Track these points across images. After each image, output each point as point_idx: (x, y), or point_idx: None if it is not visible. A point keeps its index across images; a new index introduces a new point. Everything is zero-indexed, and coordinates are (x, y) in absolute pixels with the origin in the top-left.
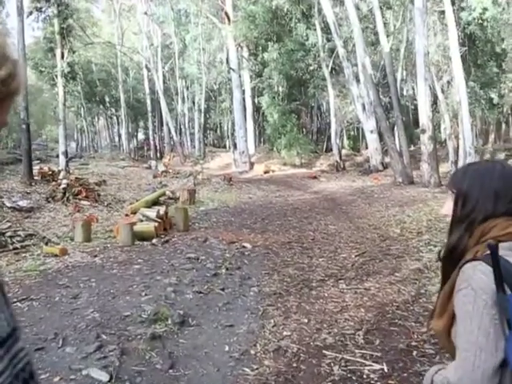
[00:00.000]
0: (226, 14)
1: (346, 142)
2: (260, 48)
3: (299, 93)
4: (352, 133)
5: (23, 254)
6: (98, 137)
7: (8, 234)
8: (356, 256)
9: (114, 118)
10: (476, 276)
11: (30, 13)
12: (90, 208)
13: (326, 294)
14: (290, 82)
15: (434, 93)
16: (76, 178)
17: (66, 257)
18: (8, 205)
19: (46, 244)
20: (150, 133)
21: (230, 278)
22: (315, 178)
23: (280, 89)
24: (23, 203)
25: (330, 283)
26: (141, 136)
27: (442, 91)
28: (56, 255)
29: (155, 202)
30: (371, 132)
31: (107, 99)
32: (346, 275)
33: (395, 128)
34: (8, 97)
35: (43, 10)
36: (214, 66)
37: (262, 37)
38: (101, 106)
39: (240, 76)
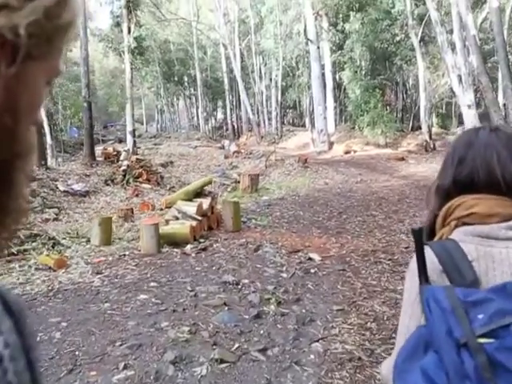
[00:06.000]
0: None
1: (434, 119)
2: (341, 17)
3: (383, 67)
4: (440, 110)
5: (13, 264)
6: (178, 117)
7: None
8: None
9: (193, 97)
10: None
11: None
12: (151, 192)
13: None
14: (374, 54)
15: None
16: (137, 159)
17: (61, 271)
18: (61, 189)
19: (53, 247)
20: (228, 112)
21: (281, 321)
22: (402, 159)
23: (363, 63)
24: (78, 187)
25: None
26: (220, 115)
27: None
28: (50, 267)
29: (198, 193)
30: (469, 107)
31: (186, 79)
32: None
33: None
34: (57, 34)
35: None
36: (290, 39)
37: (343, 4)
38: (179, 86)
39: (318, 48)
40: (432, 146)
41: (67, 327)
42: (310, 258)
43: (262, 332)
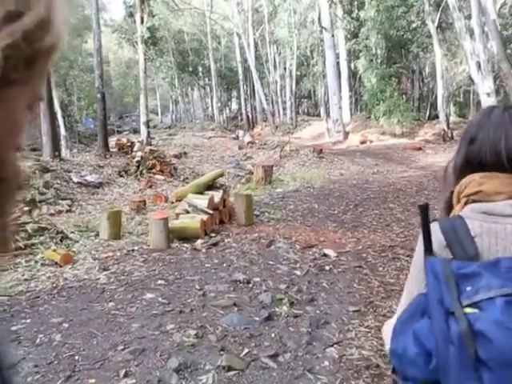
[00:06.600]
0: None
1: (451, 108)
2: (356, 5)
3: (399, 55)
4: (458, 98)
5: (20, 259)
6: (193, 107)
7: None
8: None
9: (207, 88)
10: None
11: None
12: (164, 183)
13: None
14: (390, 42)
15: None
16: (151, 150)
17: (67, 267)
18: (75, 180)
19: (61, 241)
20: (243, 102)
21: (294, 324)
22: (420, 149)
23: (378, 51)
24: (91, 178)
25: None
26: (234, 105)
27: None
28: (56, 263)
29: (210, 185)
30: (488, 95)
31: (200, 69)
32: None
33: None
34: (38, 57)
35: None
36: (304, 27)
37: None
38: (194, 76)
39: (333, 36)
40: (450, 135)
41: (68, 328)
42: (324, 254)
43: (273, 336)
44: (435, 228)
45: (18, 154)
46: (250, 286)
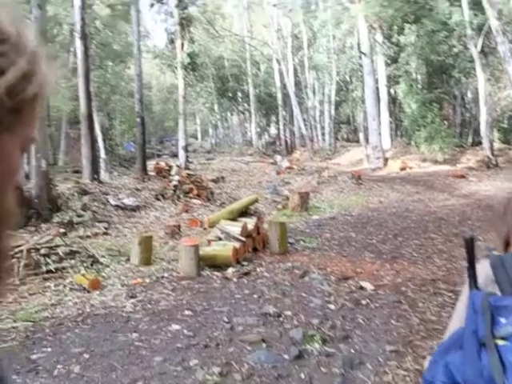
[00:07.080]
0: None
1: (495, 134)
2: (395, 30)
3: (440, 80)
4: (502, 124)
5: (49, 283)
6: (232, 132)
7: (42, 251)
8: None
9: (247, 113)
10: None
11: (152, 5)
12: (200, 207)
13: None
14: (431, 67)
15: None
16: (188, 174)
17: (95, 293)
18: (112, 203)
19: (92, 265)
20: (281, 127)
21: (326, 364)
22: (462, 177)
23: (418, 76)
24: (128, 201)
25: None
26: (273, 130)
27: None
28: (85, 288)
29: (244, 212)
30: None
31: (239, 94)
32: None
33: None
34: (23, 107)
35: (164, 1)
36: (343, 53)
37: (398, 16)
38: (233, 102)
39: (372, 61)
40: (494, 162)
41: (88, 360)
42: (361, 287)
43: (302, 376)
44: (485, 263)
45: (14, 193)
46: (281, 319)
